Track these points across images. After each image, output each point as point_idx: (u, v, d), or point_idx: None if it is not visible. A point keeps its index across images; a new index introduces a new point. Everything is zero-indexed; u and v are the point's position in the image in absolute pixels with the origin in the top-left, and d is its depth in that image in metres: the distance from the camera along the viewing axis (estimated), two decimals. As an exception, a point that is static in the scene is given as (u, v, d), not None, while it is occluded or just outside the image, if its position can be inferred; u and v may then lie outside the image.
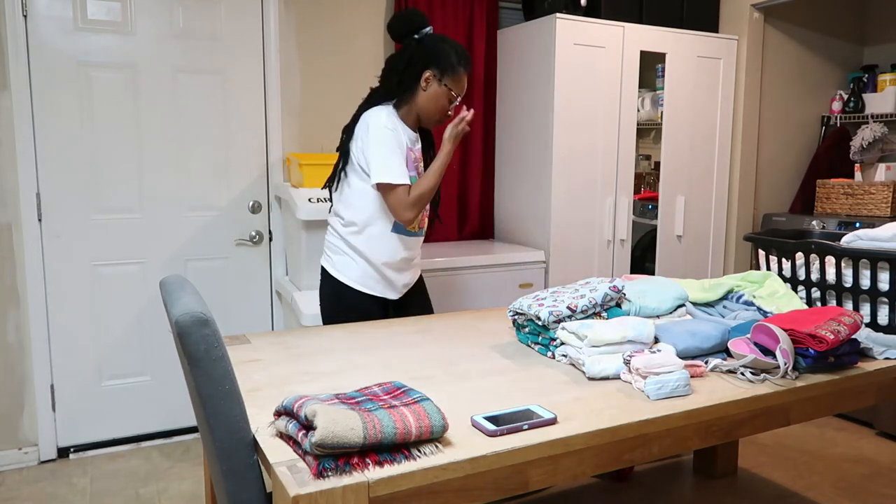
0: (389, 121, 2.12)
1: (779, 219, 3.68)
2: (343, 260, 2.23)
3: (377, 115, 2.13)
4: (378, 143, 2.09)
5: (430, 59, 2.13)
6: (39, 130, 2.77)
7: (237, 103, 3.09)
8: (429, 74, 2.14)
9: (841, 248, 2.02)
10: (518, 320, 1.93)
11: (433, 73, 2.14)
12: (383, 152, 2.09)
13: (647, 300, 1.99)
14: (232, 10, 3.03)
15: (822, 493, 2.63)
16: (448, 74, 2.14)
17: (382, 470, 1.14)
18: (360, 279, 2.22)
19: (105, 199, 2.90)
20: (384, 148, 2.09)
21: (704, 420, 1.48)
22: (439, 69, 2.13)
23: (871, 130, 3.55)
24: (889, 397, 1.83)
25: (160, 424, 3.09)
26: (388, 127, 2.10)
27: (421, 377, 1.63)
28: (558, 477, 1.33)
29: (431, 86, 2.15)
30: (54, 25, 2.75)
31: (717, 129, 3.69)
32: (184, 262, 3.07)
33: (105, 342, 2.97)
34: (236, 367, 1.70)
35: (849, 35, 4.04)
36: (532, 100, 3.35)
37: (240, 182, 3.13)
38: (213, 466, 1.34)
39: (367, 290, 2.23)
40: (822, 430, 3.25)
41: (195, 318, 1.23)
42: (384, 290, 2.26)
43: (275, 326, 3.29)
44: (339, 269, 2.24)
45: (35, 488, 2.66)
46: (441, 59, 2.13)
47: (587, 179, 3.34)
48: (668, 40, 3.46)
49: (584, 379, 1.62)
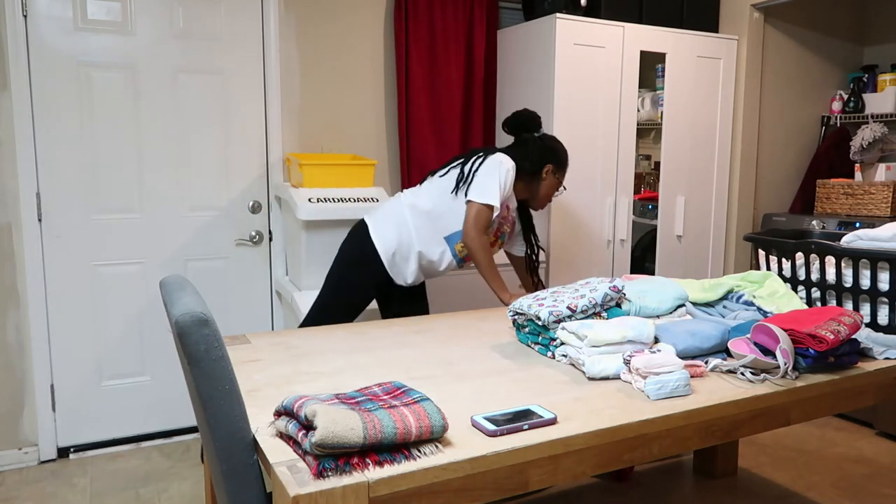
0: (512, 166, 2.46)
1: (779, 219, 3.68)
2: (389, 232, 2.46)
3: (508, 158, 2.47)
4: (491, 171, 2.41)
5: (550, 157, 2.56)
6: (39, 130, 2.77)
7: (237, 103, 3.09)
8: (549, 168, 2.56)
9: (841, 248, 2.02)
10: (518, 320, 1.93)
11: (552, 167, 2.56)
12: (490, 179, 2.40)
13: (647, 300, 1.99)
14: (232, 10, 3.03)
15: (822, 493, 2.63)
16: (561, 170, 2.60)
17: (382, 470, 1.14)
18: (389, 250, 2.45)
19: (105, 199, 2.90)
20: (493, 176, 2.40)
21: (704, 420, 1.48)
22: (556, 165, 2.57)
23: (871, 130, 3.55)
24: (889, 397, 1.83)
25: (160, 424, 3.10)
26: (508, 168, 2.44)
27: (421, 377, 1.63)
28: (558, 477, 1.33)
29: (548, 177, 2.57)
30: (54, 25, 2.75)
31: (717, 129, 3.69)
32: (184, 262, 3.07)
33: (105, 342, 2.97)
34: (236, 367, 1.70)
35: (849, 35, 4.04)
36: (532, 100, 3.35)
37: (240, 182, 3.13)
38: (213, 466, 1.34)
39: (385, 263, 2.45)
40: (822, 430, 3.25)
41: (195, 318, 1.23)
42: (395, 274, 2.49)
43: (275, 326, 3.29)
44: (381, 235, 2.46)
45: (35, 488, 2.66)
46: (558, 157, 2.58)
47: (587, 179, 3.34)
48: (668, 40, 3.46)
49: (584, 379, 1.62)
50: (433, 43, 3.40)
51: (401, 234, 2.46)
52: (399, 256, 2.47)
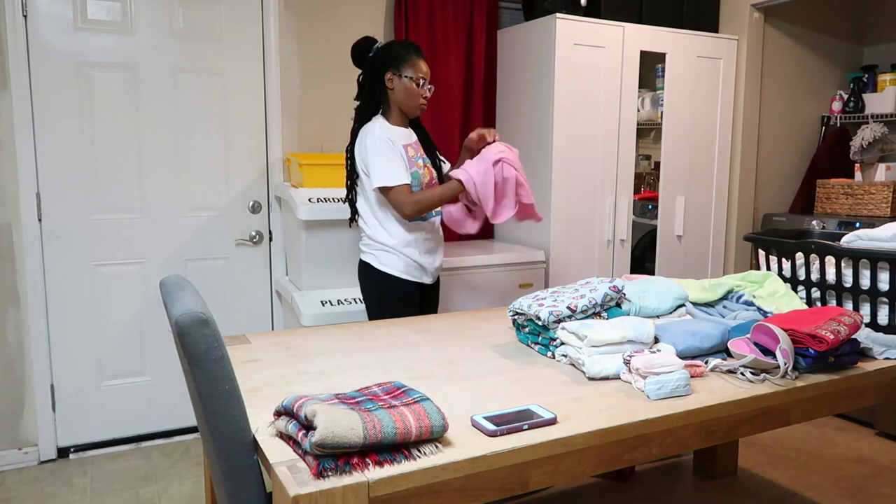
0: (382, 131, 2.35)
1: (779, 219, 3.68)
2: (385, 255, 2.41)
3: (371, 128, 2.36)
4: (375, 152, 2.31)
5: (384, 64, 2.37)
6: (39, 130, 2.77)
7: (237, 103, 3.09)
8: (389, 75, 2.37)
9: (841, 248, 2.02)
10: (518, 320, 1.93)
11: (392, 72, 2.36)
12: (379, 160, 2.30)
13: (647, 300, 1.99)
14: (232, 10, 3.03)
15: (822, 493, 2.63)
16: (403, 66, 2.36)
17: (382, 470, 1.14)
18: (404, 269, 2.42)
19: (105, 199, 2.90)
20: (379, 156, 2.30)
21: (704, 420, 1.48)
22: (395, 66, 2.36)
23: (871, 130, 3.55)
24: (889, 397, 1.83)
25: (160, 424, 3.09)
26: (380, 136, 2.32)
27: (421, 377, 1.63)
28: (558, 477, 1.33)
29: (396, 83, 2.37)
30: (54, 25, 2.74)
31: (717, 129, 3.69)
32: (184, 262, 3.07)
33: (105, 342, 2.97)
34: (236, 367, 1.70)
35: (849, 35, 4.04)
36: (532, 100, 3.35)
37: (240, 182, 3.13)
38: (213, 466, 1.34)
39: (409, 276, 2.43)
40: (822, 430, 3.25)
41: (195, 318, 1.23)
42: (421, 276, 2.46)
43: (275, 326, 3.29)
44: (383, 261, 2.41)
45: (35, 488, 2.66)
46: (391, 57, 2.37)
47: (587, 179, 3.34)
48: (668, 40, 3.46)
49: (584, 379, 1.62)
50: (433, 43, 3.40)
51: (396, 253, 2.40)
52: (411, 267, 2.42)
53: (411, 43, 2.40)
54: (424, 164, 2.43)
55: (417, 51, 2.39)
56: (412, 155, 2.39)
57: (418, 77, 2.36)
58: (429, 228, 2.47)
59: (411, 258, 2.42)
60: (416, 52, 2.38)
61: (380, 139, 2.32)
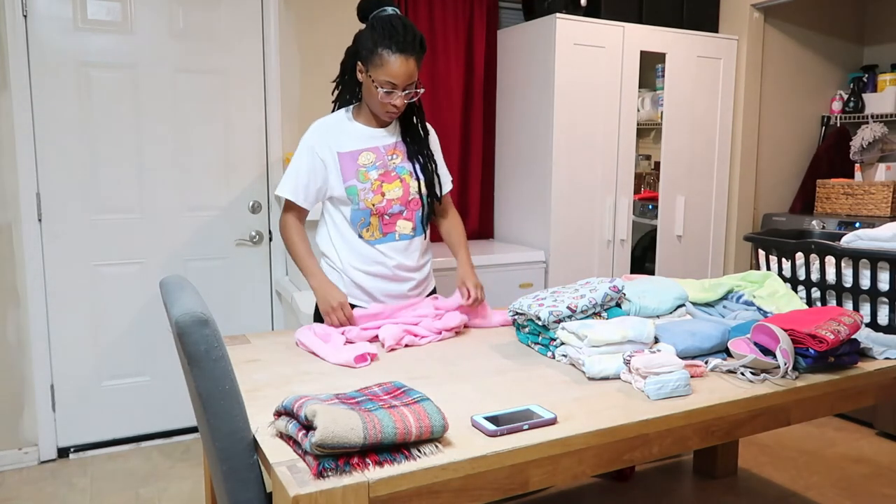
0: (313, 133, 1.98)
1: (779, 219, 3.68)
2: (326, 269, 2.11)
3: (317, 123, 2.00)
4: (295, 152, 2.00)
5: (356, 51, 1.88)
6: (39, 130, 2.77)
7: (237, 103, 3.09)
8: (360, 66, 1.89)
9: (841, 248, 2.02)
10: (518, 320, 1.93)
11: (360, 65, 1.88)
12: (290, 165, 2.00)
13: (647, 300, 1.99)
14: (232, 10, 3.03)
15: (822, 493, 2.63)
16: (369, 64, 1.84)
17: (382, 470, 1.14)
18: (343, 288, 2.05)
19: (105, 199, 2.90)
20: (292, 161, 1.99)
21: (704, 420, 1.48)
22: (363, 59, 1.86)
23: (871, 130, 3.55)
24: (889, 397, 1.83)
25: (160, 424, 3.09)
26: (308, 138, 1.98)
27: (421, 377, 1.63)
28: (558, 477, 1.33)
29: (363, 78, 1.89)
30: (54, 25, 2.74)
31: (717, 129, 3.69)
32: (184, 262, 3.07)
33: (105, 342, 2.96)
34: (236, 367, 1.70)
35: (849, 35, 4.04)
36: (532, 100, 3.35)
37: (240, 182, 3.13)
38: (213, 466, 1.34)
39: (351, 298, 2.04)
40: (822, 430, 3.25)
41: (195, 318, 1.23)
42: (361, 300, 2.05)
43: (275, 326, 3.29)
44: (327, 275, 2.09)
45: (35, 488, 2.66)
46: (362, 46, 1.85)
47: (587, 179, 3.34)
48: (668, 40, 3.46)
49: (584, 379, 1.62)
50: (433, 43, 3.40)
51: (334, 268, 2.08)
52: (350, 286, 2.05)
53: (394, 34, 1.81)
54: (381, 179, 1.96)
55: (397, 47, 1.81)
56: (364, 163, 1.96)
57: (383, 81, 1.83)
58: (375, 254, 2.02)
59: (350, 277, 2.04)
60: (392, 49, 1.81)
61: (305, 141, 1.98)
